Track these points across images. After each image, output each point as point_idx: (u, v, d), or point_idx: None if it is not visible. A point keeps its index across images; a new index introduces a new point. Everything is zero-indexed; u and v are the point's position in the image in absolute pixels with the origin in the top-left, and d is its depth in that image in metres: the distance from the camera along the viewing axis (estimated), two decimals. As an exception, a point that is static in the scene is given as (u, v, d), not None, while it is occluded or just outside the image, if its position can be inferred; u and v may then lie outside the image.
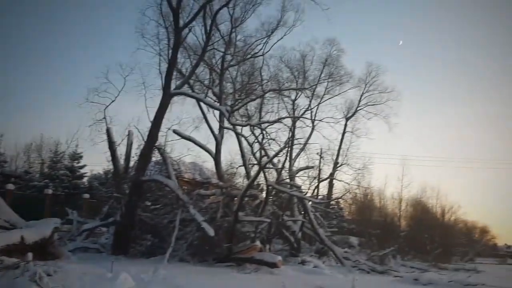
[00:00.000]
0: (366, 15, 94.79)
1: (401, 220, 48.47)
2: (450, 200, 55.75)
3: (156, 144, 18.97)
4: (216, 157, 22.77)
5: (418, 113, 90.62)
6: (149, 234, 18.43)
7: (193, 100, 23.50)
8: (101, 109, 19.50)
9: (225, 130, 23.80)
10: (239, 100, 25.71)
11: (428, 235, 44.58)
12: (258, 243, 18.53)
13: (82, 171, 34.87)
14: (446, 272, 27.14)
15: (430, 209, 52.43)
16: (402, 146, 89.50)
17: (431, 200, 53.06)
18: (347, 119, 37.00)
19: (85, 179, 35.85)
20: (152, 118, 18.56)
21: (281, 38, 25.70)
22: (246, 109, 27.86)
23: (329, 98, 32.94)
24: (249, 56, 25.79)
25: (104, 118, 19.41)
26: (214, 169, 23.96)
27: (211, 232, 16.21)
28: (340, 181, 34.90)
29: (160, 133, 19.18)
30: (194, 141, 21.50)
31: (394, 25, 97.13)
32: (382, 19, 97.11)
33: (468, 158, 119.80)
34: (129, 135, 19.87)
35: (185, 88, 22.08)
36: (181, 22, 19.16)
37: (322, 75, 31.86)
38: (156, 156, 20.03)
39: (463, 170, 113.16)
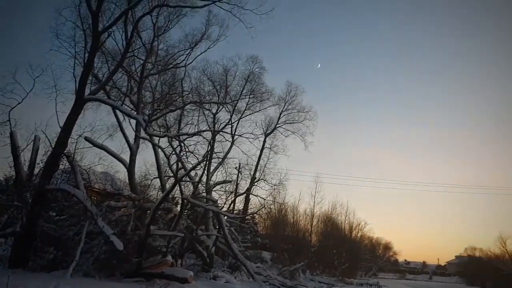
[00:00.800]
0: (289, 38, 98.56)
1: (312, 235, 50.05)
2: (357, 217, 58.89)
3: (65, 151, 17.84)
4: (130, 168, 21.94)
5: (332, 133, 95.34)
6: (52, 246, 17.14)
7: (109, 107, 22.52)
8: (6, 111, 17.86)
9: (141, 140, 23.01)
10: (158, 110, 25.09)
11: (336, 250, 46.36)
12: (169, 258, 18.05)
13: (-21, 176, 31.88)
14: (351, 287, 28.40)
15: (339, 226, 54.80)
16: (316, 164, 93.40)
17: (340, 217, 55.56)
18: (266, 135, 37.82)
19: (-18, 185, 32.91)
20: (62, 123, 17.44)
21: (205, 51, 25.65)
22: (165, 120, 27.30)
23: (250, 114, 33.47)
24: (170, 66, 25.36)
25: (9, 120, 17.81)
26: (127, 180, 23.05)
27: (120, 245, 15.49)
28: (256, 196, 35.19)
29: (70, 140, 18.05)
30: (107, 149, 20.52)
31: (314, 49, 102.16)
32: (304, 43, 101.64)
33: (377, 177, 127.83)
34: (35, 140, 18.46)
35: (101, 94, 21.08)
36: (101, 26, 18.33)
37: (244, 91, 32.35)
38: (64, 164, 18.81)
39: (371, 188, 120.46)
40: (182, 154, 21.09)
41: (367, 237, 66.88)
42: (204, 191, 25.82)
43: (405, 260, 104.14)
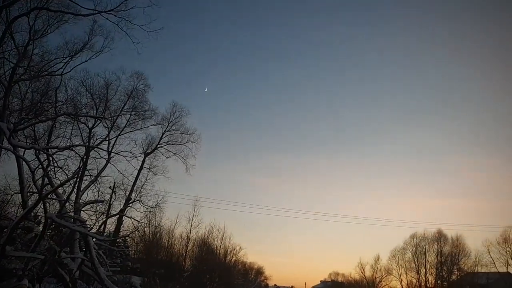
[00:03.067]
0: (177, 59, 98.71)
1: (186, 260, 49.40)
2: (233, 242, 59.62)
3: None
4: (-13, 181, 19.67)
5: (215, 158, 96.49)
6: None
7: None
8: None
9: (3, 151, 20.95)
10: (26, 119, 22.96)
11: (209, 275, 46.31)
12: (25, 282, 16.59)
13: None
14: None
15: (215, 250, 54.98)
16: (196, 187, 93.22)
17: (216, 241, 55.80)
18: (146, 155, 36.73)
19: None
20: None
21: (86, 61, 24.42)
22: (33, 130, 25.06)
23: (130, 131, 32.44)
24: (45, 73, 23.60)
25: None
26: (-19, 194, 20.61)
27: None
28: (130, 218, 33.65)
29: None
30: (-41, 158, 18.23)
31: (203, 73, 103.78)
32: (193, 65, 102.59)
33: (254, 203, 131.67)
34: None
35: (-42, 96, 18.82)
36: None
37: (126, 106, 31.34)
38: None
39: (247, 214, 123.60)
40: (49, 169, 19.57)
41: (241, 262, 68.05)
42: (72, 210, 24.10)
43: (275, 284, 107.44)
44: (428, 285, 64.68)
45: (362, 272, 76.35)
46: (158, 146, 37.51)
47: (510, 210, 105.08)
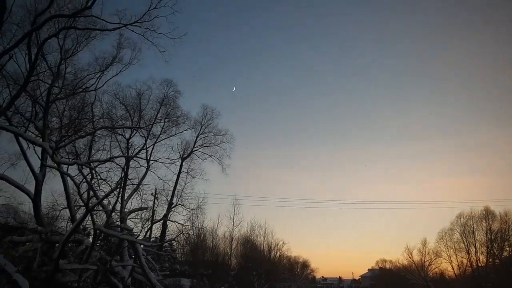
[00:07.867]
0: (204, 61, 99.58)
1: (232, 259, 49.88)
2: (276, 237, 59.77)
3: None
4: (35, 199, 20.40)
5: (250, 155, 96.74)
6: None
7: (10, 134, 20.92)
8: None
9: (48, 169, 21.65)
10: (66, 137, 23.77)
11: (256, 272, 46.58)
12: (81, 293, 16.94)
13: None
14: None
15: (258, 247, 55.26)
16: (234, 186, 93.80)
17: (259, 238, 56.07)
18: (183, 159, 37.28)
19: None
20: (-45, 153, 15.88)
21: (116, 74, 25.02)
22: (74, 146, 25.85)
23: (165, 138, 32.92)
24: (79, 90, 24.27)
25: None
26: (32, 212, 21.40)
27: (24, 284, 14.28)
28: (174, 222, 34.41)
29: (-35, 170, 16.49)
30: (8, 180, 18.96)
31: (230, 73, 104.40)
32: (219, 66, 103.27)
33: (294, 197, 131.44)
34: None
35: (2, 121, 19.59)
36: (1, 48, 17.18)
37: (159, 114, 31.82)
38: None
39: (289, 208, 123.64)
40: (93, 182, 20.15)
41: (286, 257, 68.08)
42: (118, 219, 24.73)
43: (322, 277, 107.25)
44: (480, 264, 62.74)
45: (410, 257, 74.80)
46: (194, 149, 38.02)
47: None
